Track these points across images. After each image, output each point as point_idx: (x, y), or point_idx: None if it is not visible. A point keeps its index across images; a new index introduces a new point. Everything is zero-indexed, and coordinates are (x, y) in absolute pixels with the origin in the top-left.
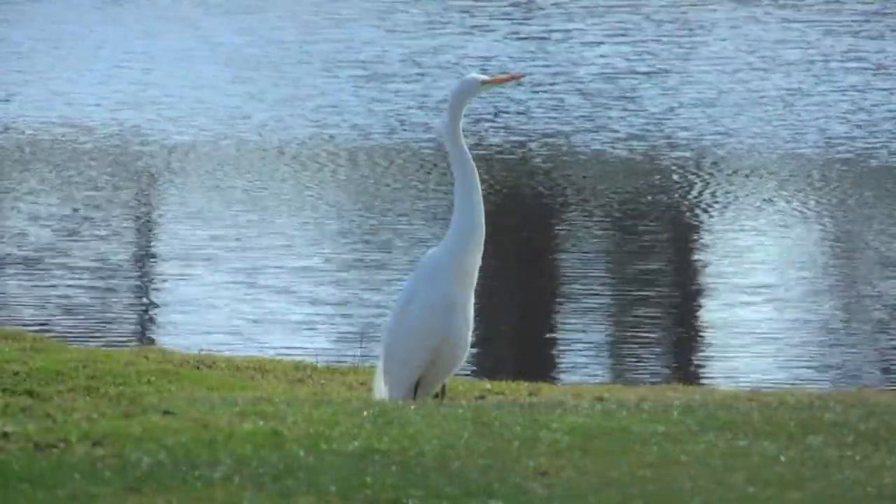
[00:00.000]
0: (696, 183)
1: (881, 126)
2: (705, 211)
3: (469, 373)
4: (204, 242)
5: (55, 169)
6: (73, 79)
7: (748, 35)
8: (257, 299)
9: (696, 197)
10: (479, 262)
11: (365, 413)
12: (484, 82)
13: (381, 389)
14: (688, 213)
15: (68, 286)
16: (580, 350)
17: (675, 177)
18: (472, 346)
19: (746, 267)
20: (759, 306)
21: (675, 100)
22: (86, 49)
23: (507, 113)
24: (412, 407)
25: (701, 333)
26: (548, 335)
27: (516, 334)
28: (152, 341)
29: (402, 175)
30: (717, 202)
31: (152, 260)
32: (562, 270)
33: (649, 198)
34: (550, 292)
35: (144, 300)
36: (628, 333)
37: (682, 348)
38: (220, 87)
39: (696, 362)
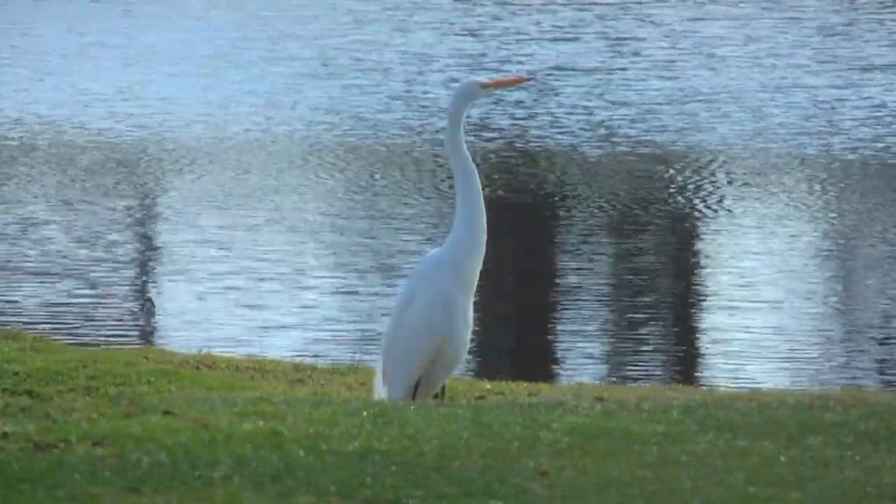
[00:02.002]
0: (693, 183)
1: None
2: (704, 211)
3: (469, 373)
4: (204, 243)
5: (43, 169)
6: (50, 79)
7: (714, 33)
8: (257, 300)
9: (693, 197)
10: (480, 265)
11: (365, 413)
12: (484, 86)
13: (380, 390)
14: (686, 214)
15: (69, 287)
16: (580, 350)
17: (673, 177)
18: (472, 347)
19: (746, 267)
20: (759, 306)
21: (657, 99)
22: (58, 48)
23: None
24: (412, 407)
25: (700, 334)
26: (548, 336)
27: (516, 335)
28: (152, 341)
29: (404, 176)
30: (715, 202)
31: (152, 260)
32: (562, 271)
33: (648, 199)
34: (550, 293)
35: (144, 300)
36: (628, 334)
37: (682, 348)
38: (213, 86)
39: (696, 362)
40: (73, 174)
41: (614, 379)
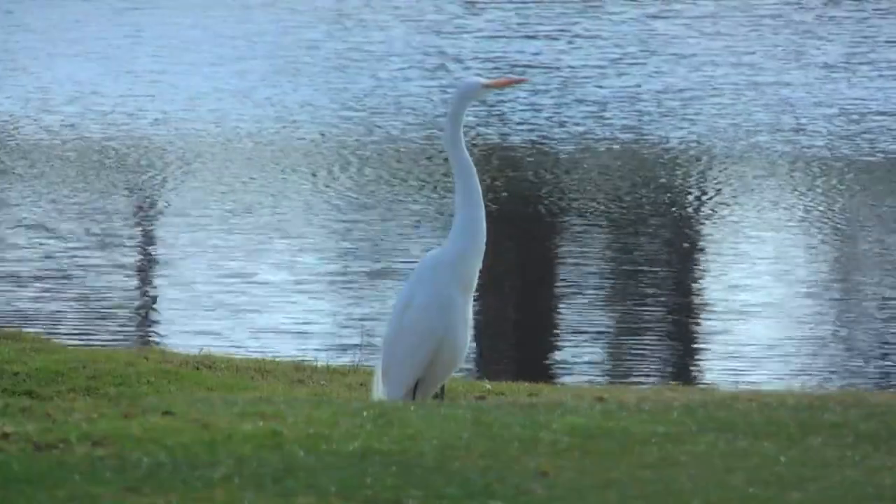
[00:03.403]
0: (692, 183)
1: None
2: (698, 210)
3: (469, 373)
4: (204, 243)
5: (37, 169)
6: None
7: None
8: (257, 300)
9: (684, 197)
10: (479, 265)
11: (365, 413)
12: (485, 86)
13: (380, 390)
14: (681, 214)
15: (68, 287)
16: (580, 351)
17: (673, 177)
18: (473, 348)
19: (746, 267)
20: (759, 307)
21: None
22: (42, 45)
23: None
24: (412, 407)
25: (701, 334)
26: (548, 336)
27: (516, 335)
28: (152, 342)
29: (404, 176)
30: (707, 201)
31: (152, 260)
32: (562, 271)
33: (648, 199)
34: (550, 293)
35: (144, 300)
36: (628, 334)
37: (682, 348)
38: (209, 83)
39: (696, 362)
40: (68, 174)
41: (614, 379)
